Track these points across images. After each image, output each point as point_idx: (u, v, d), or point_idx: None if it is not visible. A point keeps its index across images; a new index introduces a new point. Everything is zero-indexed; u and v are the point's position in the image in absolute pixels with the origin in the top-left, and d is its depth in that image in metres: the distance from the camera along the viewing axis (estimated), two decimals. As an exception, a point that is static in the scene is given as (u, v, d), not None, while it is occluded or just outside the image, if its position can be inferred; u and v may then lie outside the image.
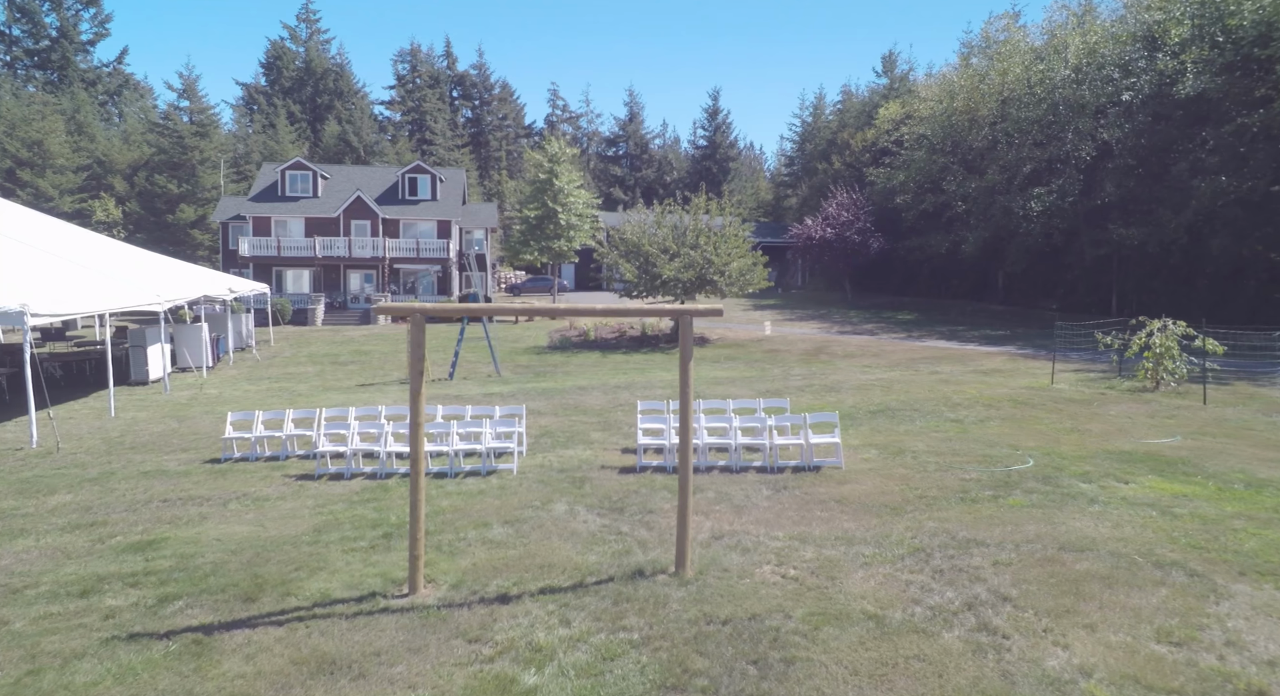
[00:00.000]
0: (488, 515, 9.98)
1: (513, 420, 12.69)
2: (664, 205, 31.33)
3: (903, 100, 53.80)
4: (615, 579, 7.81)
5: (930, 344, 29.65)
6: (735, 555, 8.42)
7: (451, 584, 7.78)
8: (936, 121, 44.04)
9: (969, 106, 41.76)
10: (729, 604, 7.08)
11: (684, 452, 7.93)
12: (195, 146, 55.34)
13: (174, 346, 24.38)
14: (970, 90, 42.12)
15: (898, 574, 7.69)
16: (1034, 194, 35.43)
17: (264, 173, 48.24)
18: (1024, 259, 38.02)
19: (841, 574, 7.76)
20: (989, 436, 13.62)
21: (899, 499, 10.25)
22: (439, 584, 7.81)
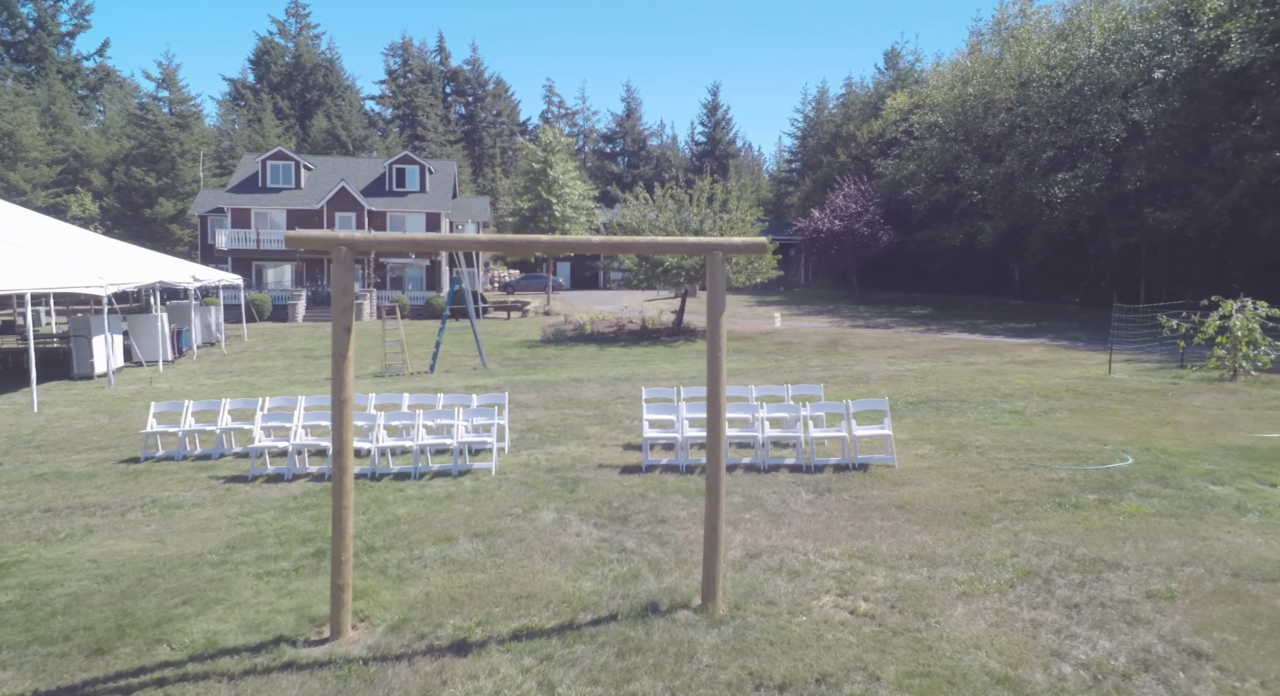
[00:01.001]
0: (454, 526, 7.80)
1: (492, 411, 10.50)
2: (665, 188, 29.18)
3: (911, 90, 51.80)
4: (620, 616, 5.64)
5: (954, 337, 27.53)
6: (780, 580, 6.25)
7: (392, 624, 5.61)
8: (949, 108, 42.04)
9: (984, 91, 39.76)
10: (784, 657, 4.91)
11: (714, 442, 5.76)
12: (175, 138, 53.18)
13: (128, 339, 22.14)
14: (985, 75, 40.13)
15: (1014, 609, 5.52)
16: (1058, 179, 33.36)
17: (244, 163, 46.04)
18: (1045, 249, 35.92)
19: (934, 609, 5.59)
20: (1062, 429, 11.46)
21: (977, 504, 8.08)
22: (374, 624, 5.63)
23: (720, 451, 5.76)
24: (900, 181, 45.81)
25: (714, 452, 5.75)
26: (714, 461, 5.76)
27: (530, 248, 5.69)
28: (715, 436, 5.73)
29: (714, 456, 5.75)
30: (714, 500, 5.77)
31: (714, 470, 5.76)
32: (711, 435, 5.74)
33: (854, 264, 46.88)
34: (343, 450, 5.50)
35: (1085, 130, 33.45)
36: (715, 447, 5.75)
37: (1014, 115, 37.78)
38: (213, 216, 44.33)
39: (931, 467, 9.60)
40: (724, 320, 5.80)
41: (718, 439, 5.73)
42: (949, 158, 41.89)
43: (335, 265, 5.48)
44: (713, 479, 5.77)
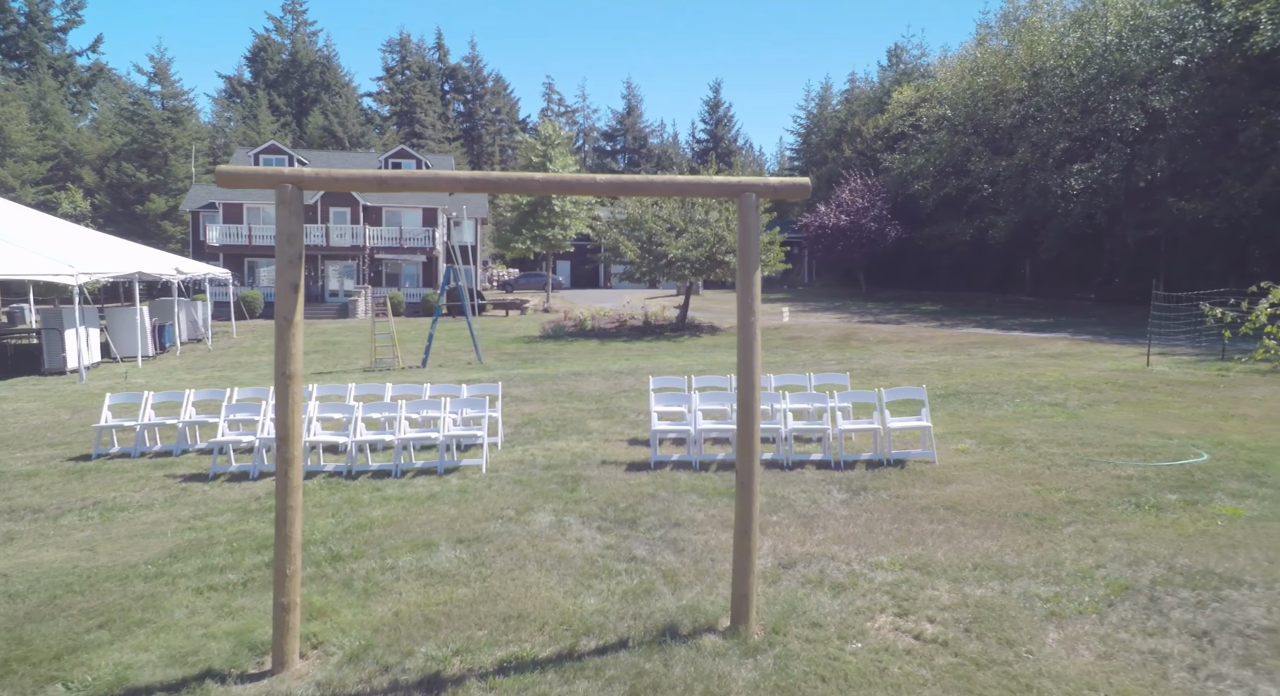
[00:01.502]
0: (435, 530, 6.73)
1: (483, 402, 9.43)
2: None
3: (917, 84, 50.78)
4: (631, 643, 4.58)
5: (970, 331, 26.45)
6: (823, 596, 5.19)
7: (351, 652, 4.54)
8: (959, 100, 40.97)
9: (995, 82, 38.69)
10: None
11: (747, 426, 4.70)
12: (167, 134, 52.16)
13: (108, 333, 21.09)
14: (996, 66, 39.08)
15: (1123, 636, 4.45)
16: (1073, 171, 32.25)
17: (236, 157, 45.01)
18: (1059, 244, 34.78)
19: (1020, 634, 4.52)
20: (1114, 422, 10.39)
21: (1038, 504, 7.01)
22: (329, 652, 4.57)
23: (754, 437, 4.69)
24: (908, 176, 44.75)
25: (746, 440, 4.69)
26: (746, 451, 4.69)
27: (522, 188, 4.64)
28: (748, 419, 4.66)
29: (746, 444, 4.69)
30: (746, 498, 4.71)
31: (746, 461, 4.70)
32: (744, 417, 4.68)
33: (860, 260, 45.83)
34: (288, 437, 4.43)
35: (1101, 120, 32.36)
36: (748, 432, 4.68)
37: (1026, 106, 36.70)
38: (204, 212, 43.29)
39: (976, 463, 8.53)
40: (758, 278, 4.74)
41: (751, 422, 4.67)
42: (958, 151, 40.82)
43: (280, 207, 4.42)
44: (745, 472, 4.70)
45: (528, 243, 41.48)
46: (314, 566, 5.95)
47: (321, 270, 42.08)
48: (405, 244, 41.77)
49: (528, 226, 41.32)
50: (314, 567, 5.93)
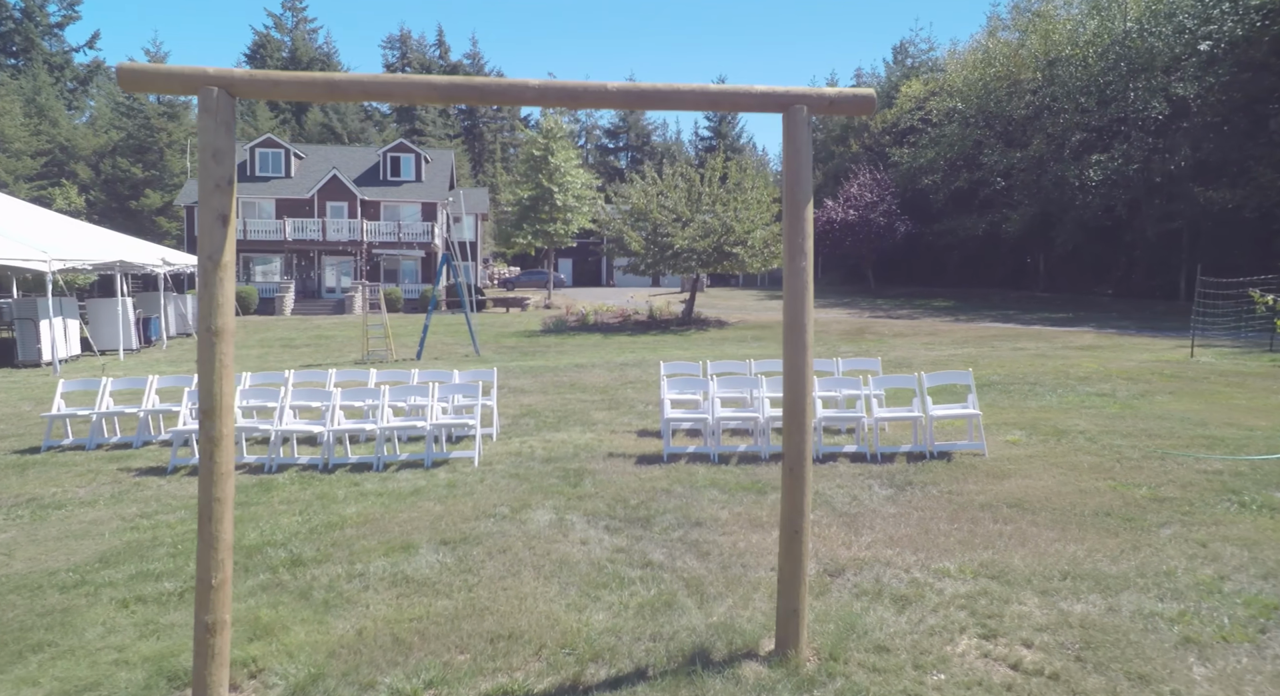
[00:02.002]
0: (416, 530, 5.77)
1: (476, 388, 8.46)
2: (675, 167, 27.15)
3: (926, 77, 49.78)
4: (651, 673, 3.61)
5: (989, 325, 25.45)
6: (885, 611, 4.22)
7: (296, 684, 3.59)
8: (970, 92, 39.96)
9: (1008, 72, 37.68)
10: (944, 756, 2.85)
11: (797, 400, 3.73)
12: (163, 129, 51.26)
13: (88, 325, 20.17)
14: (1009, 56, 38.08)
15: (1287, 665, 3.46)
16: (1092, 161, 31.23)
17: (232, 151, 44.11)
18: (1076, 237, 33.73)
19: (1153, 667, 3.55)
20: (1179, 413, 9.41)
21: (1118, 502, 6.03)
22: (269, 683, 3.61)
23: (805, 411, 3.72)
24: (917, 170, 43.72)
25: (796, 413, 3.71)
26: (796, 427, 3.72)
27: (514, 98, 3.68)
28: (798, 386, 3.69)
29: (796, 419, 3.72)
30: (797, 489, 3.73)
31: (796, 441, 3.72)
32: (793, 383, 3.70)
33: (869, 256, 44.81)
34: (213, 409, 3.46)
35: (1121, 109, 31.35)
36: (798, 403, 3.71)
37: (1040, 96, 35.69)
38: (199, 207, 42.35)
39: (1032, 456, 7.55)
40: (808, 214, 3.77)
41: (802, 388, 3.69)
42: (969, 143, 39.81)
43: (203, 117, 3.46)
44: (795, 454, 3.73)
45: (529, 238, 40.51)
46: (269, 572, 5.00)
47: (318, 265, 41.17)
48: (403, 238, 40.83)
49: (529, 221, 40.36)
50: (269, 574, 4.97)
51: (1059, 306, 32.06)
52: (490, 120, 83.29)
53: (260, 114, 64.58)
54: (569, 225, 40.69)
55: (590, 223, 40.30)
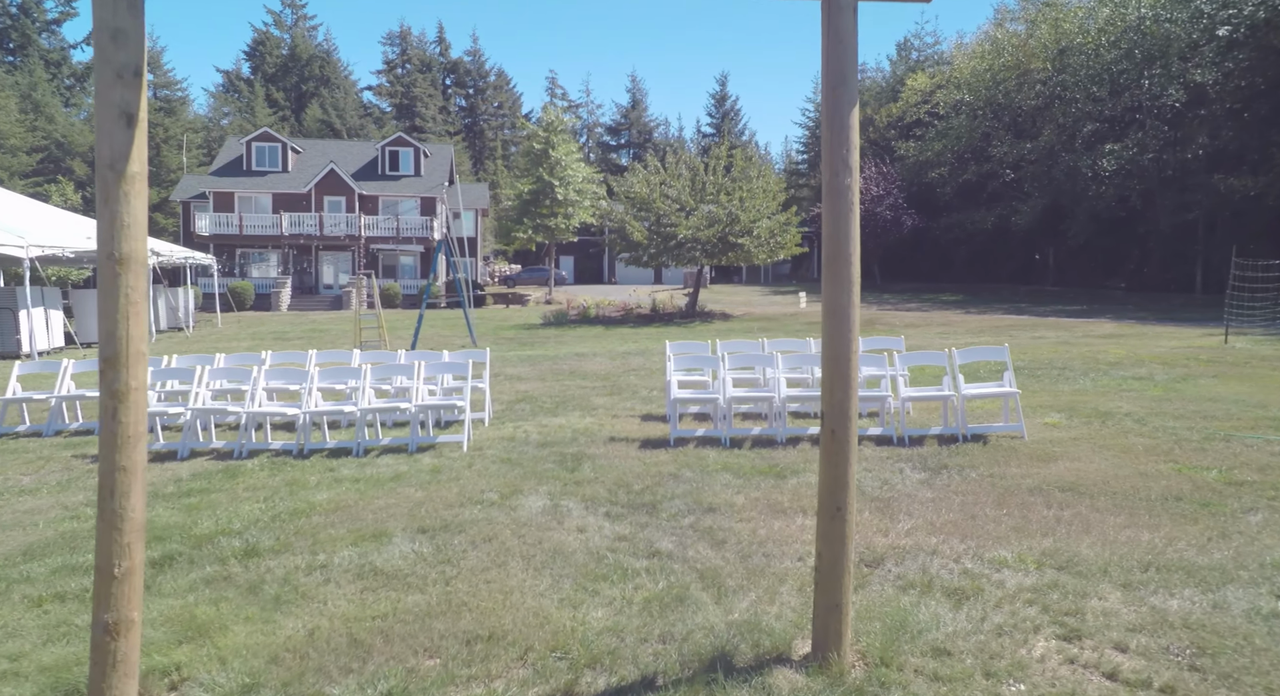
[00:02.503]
0: (392, 517, 5.10)
1: (465, 367, 7.77)
2: (679, 156, 26.46)
3: (933, 71, 49.10)
4: (662, 683, 2.93)
5: (1001, 317, 24.72)
6: (939, 607, 3.53)
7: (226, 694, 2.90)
8: (978, 83, 39.24)
9: (1018, 62, 36.94)
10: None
11: (840, 347, 3.05)
12: (159, 124, 50.67)
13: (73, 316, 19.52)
14: (1018, 46, 37.35)
15: None
16: (1106, 151, 30.48)
17: (228, 146, 43.46)
18: (1088, 230, 32.97)
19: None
20: (1231, 396, 8.72)
21: (1189, 486, 5.33)
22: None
23: (850, 363, 3.03)
24: (924, 163, 43.01)
25: (839, 366, 3.03)
26: (840, 380, 3.03)
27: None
28: (842, 332, 3.00)
29: (840, 371, 3.03)
30: (839, 455, 3.05)
31: (840, 396, 3.04)
32: (836, 329, 3.02)
33: (875, 251, 44.03)
34: (116, 357, 2.78)
35: (1134, 97, 30.60)
36: (842, 355, 3.02)
37: (1050, 86, 34.94)
38: (195, 202, 41.77)
39: (1077, 438, 6.85)
40: (854, 119, 3.08)
41: (846, 340, 3.01)
42: (978, 136, 39.10)
43: (96, 11, 2.76)
44: (838, 413, 3.04)
45: (529, 232, 39.83)
46: (218, 564, 4.32)
47: (315, 261, 40.55)
48: (402, 233, 40.19)
49: (529, 216, 39.70)
50: (217, 566, 4.29)
51: (1071, 299, 31.33)
52: (491, 117, 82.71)
53: (259, 110, 64.05)
54: (570, 219, 40.00)
55: (591, 217, 39.65)
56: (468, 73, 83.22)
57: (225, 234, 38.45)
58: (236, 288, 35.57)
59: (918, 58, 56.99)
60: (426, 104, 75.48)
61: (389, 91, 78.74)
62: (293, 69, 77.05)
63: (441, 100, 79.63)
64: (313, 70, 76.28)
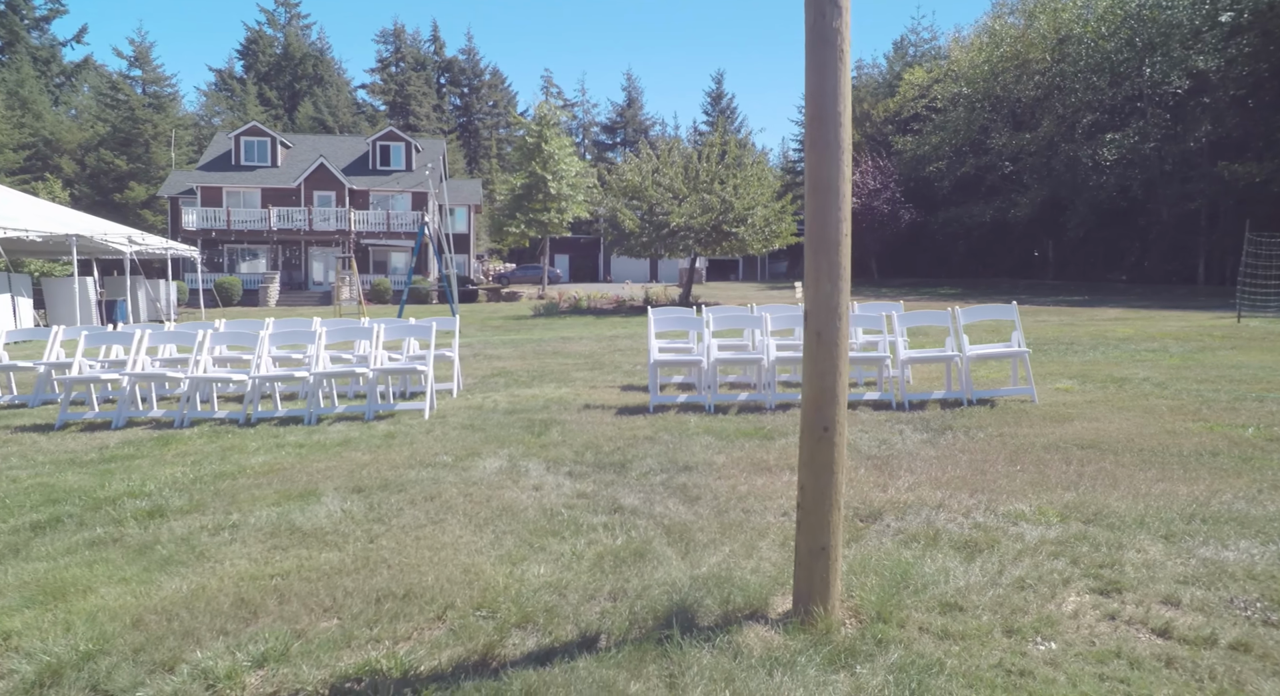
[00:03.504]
0: (328, 478, 4.52)
1: (429, 330, 7.18)
2: (671, 143, 25.92)
3: (930, 65, 48.64)
4: (605, 643, 2.34)
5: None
6: (948, 559, 2.96)
7: (47, 669, 2.30)
8: (976, 76, 38.73)
9: (1017, 53, 36.43)
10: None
11: (825, 238, 2.45)
12: (148, 120, 50.07)
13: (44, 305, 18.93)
14: (1017, 37, 36.85)
15: None
16: (1106, 140, 29.95)
17: (217, 140, 42.84)
18: (1089, 221, 32.41)
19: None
20: (1254, 362, 8.17)
21: (1222, 442, 4.76)
22: (7, 670, 2.31)
23: (840, 252, 2.45)
24: (922, 158, 42.48)
25: (828, 254, 2.45)
26: (828, 277, 2.45)
27: None
28: (829, 217, 2.43)
29: (828, 263, 2.45)
30: (825, 361, 2.47)
31: (826, 293, 2.46)
32: (820, 215, 2.44)
33: (873, 246, 43.50)
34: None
35: (1135, 86, 30.06)
36: (829, 242, 2.44)
37: (1049, 77, 34.42)
38: (183, 198, 41.12)
39: (1093, 401, 6.28)
40: (846, 26, 2.50)
41: (836, 221, 2.43)
42: (976, 128, 38.57)
43: None
44: (823, 310, 2.46)
45: (522, 227, 39.26)
46: (111, 526, 3.73)
47: (305, 256, 39.94)
48: (392, 228, 39.59)
49: (522, 210, 39.12)
50: (110, 528, 3.70)
51: (1072, 291, 30.79)
52: (486, 116, 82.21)
53: (251, 109, 63.52)
54: (563, 214, 39.43)
55: (585, 212, 39.11)
56: (462, 71, 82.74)
57: (213, 229, 37.81)
58: (223, 283, 34.94)
59: (915, 54, 56.59)
60: (420, 102, 74.95)
61: (382, 90, 78.21)
62: (286, 68, 76.57)
63: (435, 99, 79.10)
64: (306, 69, 75.79)
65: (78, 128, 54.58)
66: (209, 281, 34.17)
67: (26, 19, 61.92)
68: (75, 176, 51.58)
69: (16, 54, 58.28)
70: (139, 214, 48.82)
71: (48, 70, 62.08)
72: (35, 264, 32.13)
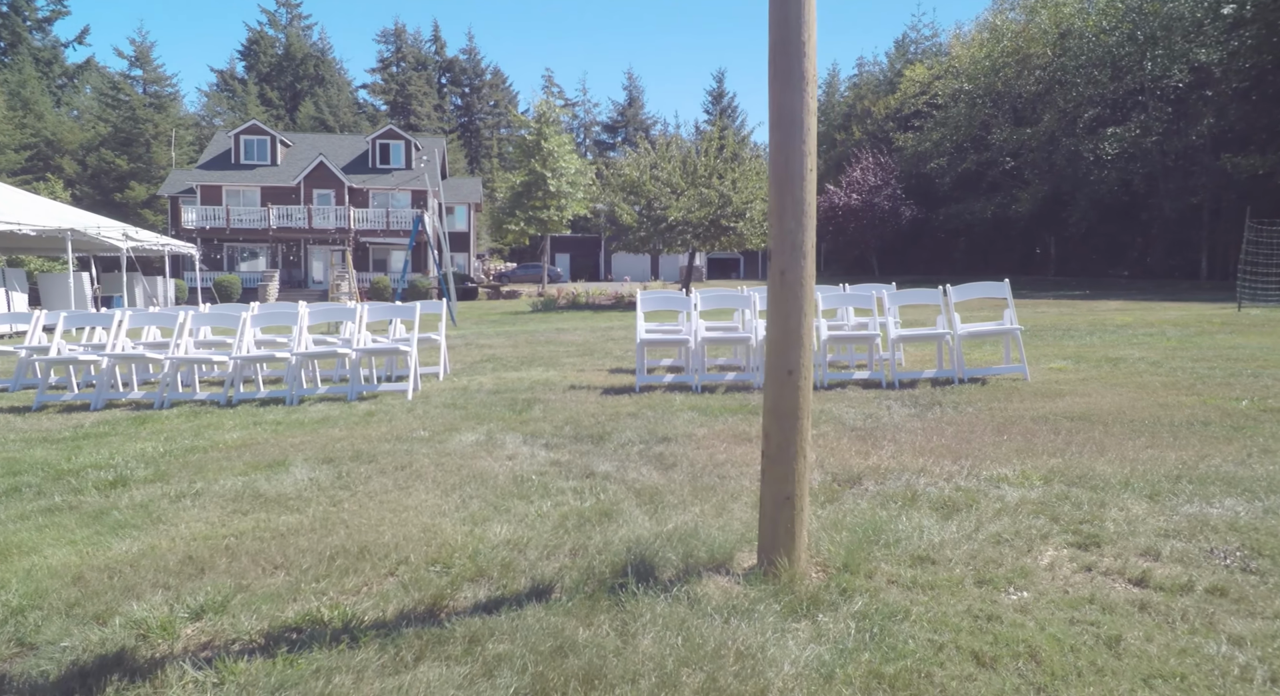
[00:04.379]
0: (300, 450, 4.43)
1: (413, 310, 7.09)
2: (669, 138, 25.83)
3: (931, 62, 48.50)
4: (558, 593, 2.23)
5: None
6: (924, 518, 2.85)
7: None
8: (977, 71, 38.59)
9: (1017, 48, 36.28)
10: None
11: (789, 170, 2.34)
12: (148, 120, 50.13)
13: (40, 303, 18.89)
14: (1019, 32, 36.70)
15: None
16: (1107, 135, 29.78)
17: (217, 139, 42.83)
18: (1090, 217, 32.23)
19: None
20: (1252, 344, 8.04)
21: (1217, 414, 4.65)
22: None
23: (805, 183, 2.35)
24: (923, 154, 42.36)
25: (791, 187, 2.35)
26: (792, 212, 2.36)
27: None
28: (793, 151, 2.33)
29: (791, 198, 2.35)
30: (790, 300, 2.37)
31: (790, 229, 2.36)
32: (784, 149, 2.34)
33: (873, 242, 43.41)
34: None
35: (1137, 80, 29.89)
36: (793, 174, 2.34)
37: (1050, 71, 34.26)
38: (183, 197, 41.12)
39: (1087, 379, 6.17)
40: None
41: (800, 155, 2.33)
42: (977, 124, 38.43)
43: None
44: (786, 246, 2.37)
45: (521, 225, 39.19)
46: (70, 494, 3.65)
47: (305, 255, 39.91)
48: (392, 226, 39.54)
49: (521, 208, 39.06)
50: (68, 496, 3.62)
51: (1074, 286, 30.62)
52: (487, 116, 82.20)
53: (253, 109, 63.57)
54: (563, 212, 39.37)
55: (585, 210, 39.05)
56: (463, 71, 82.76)
57: (212, 227, 37.78)
58: (223, 281, 34.91)
59: (916, 51, 56.47)
60: (421, 102, 74.97)
61: (383, 89, 78.29)
62: (287, 68, 76.67)
63: (437, 98, 79.14)
64: (307, 69, 75.86)
65: (79, 128, 54.66)
66: (208, 280, 34.14)
67: (29, 20, 62.05)
68: (76, 176, 51.65)
69: (19, 55, 58.39)
70: (140, 213, 48.86)
71: (50, 71, 62.18)
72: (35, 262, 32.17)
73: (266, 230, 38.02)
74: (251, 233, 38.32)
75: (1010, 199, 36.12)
